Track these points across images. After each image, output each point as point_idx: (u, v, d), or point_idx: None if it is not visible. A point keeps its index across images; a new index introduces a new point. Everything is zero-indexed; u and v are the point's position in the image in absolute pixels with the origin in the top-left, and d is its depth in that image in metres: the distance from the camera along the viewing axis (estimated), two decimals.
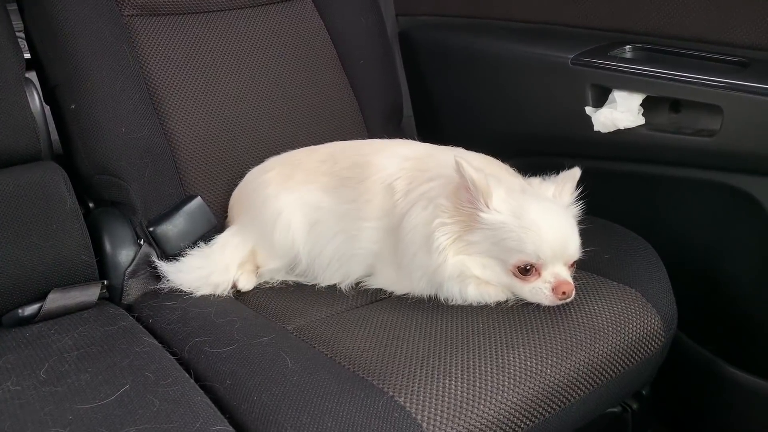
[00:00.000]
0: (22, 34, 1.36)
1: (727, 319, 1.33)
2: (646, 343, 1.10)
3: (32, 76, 1.34)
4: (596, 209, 1.23)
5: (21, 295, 1.15)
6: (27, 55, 1.33)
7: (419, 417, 0.87)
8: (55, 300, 1.16)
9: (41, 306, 1.15)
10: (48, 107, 1.36)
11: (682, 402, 1.40)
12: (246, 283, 1.27)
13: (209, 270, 1.26)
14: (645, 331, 1.10)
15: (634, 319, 1.10)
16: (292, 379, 0.92)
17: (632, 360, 1.08)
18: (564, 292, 1.07)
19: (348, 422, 0.84)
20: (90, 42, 1.31)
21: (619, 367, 1.06)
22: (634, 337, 1.08)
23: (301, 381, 0.91)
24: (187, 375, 0.93)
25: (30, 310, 1.14)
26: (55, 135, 1.36)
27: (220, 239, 1.32)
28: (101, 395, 0.86)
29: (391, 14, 1.88)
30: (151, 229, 1.30)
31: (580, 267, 1.15)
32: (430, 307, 1.13)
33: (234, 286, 1.27)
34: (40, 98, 1.28)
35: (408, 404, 0.89)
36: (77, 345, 1.01)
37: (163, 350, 1.00)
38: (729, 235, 1.30)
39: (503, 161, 1.27)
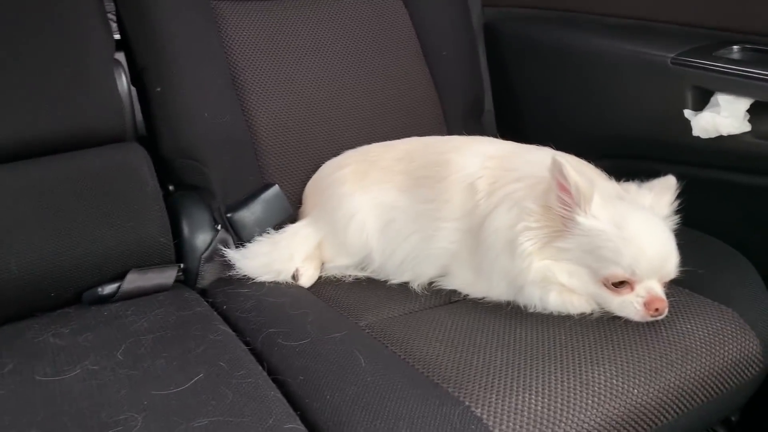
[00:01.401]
0: (113, 15, 1.38)
1: None
2: (742, 367, 1.02)
3: (121, 57, 1.36)
4: (691, 220, 1.15)
5: (101, 274, 1.17)
6: (117, 36, 1.35)
7: (497, 430, 0.83)
8: (134, 280, 1.18)
9: (119, 285, 1.16)
10: (134, 89, 1.38)
11: None
12: (307, 280, 1.26)
13: (273, 257, 1.25)
14: (741, 353, 1.02)
15: (730, 340, 1.02)
16: (366, 379, 0.89)
17: (726, 385, 1.00)
18: (657, 309, 1.01)
19: (423, 430, 0.81)
20: (178, 26, 1.31)
21: (712, 392, 0.99)
22: (730, 360, 1.01)
23: (375, 382, 0.89)
24: (260, 367, 0.92)
25: (109, 289, 1.16)
26: (139, 117, 1.38)
27: (291, 228, 1.30)
28: (176, 382, 0.86)
29: (477, 5, 1.82)
30: (228, 215, 1.30)
31: (671, 281, 1.08)
32: (508, 314, 1.09)
33: (295, 278, 1.25)
34: (127, 80, 1.29)
35: (485, 416, 0.85)
36: (153, 328, 1.02)
37: (236, 339, 1.00)
38: None
39: (590, 162, 1.20)
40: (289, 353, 0.96)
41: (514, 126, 1.79)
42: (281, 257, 1.25)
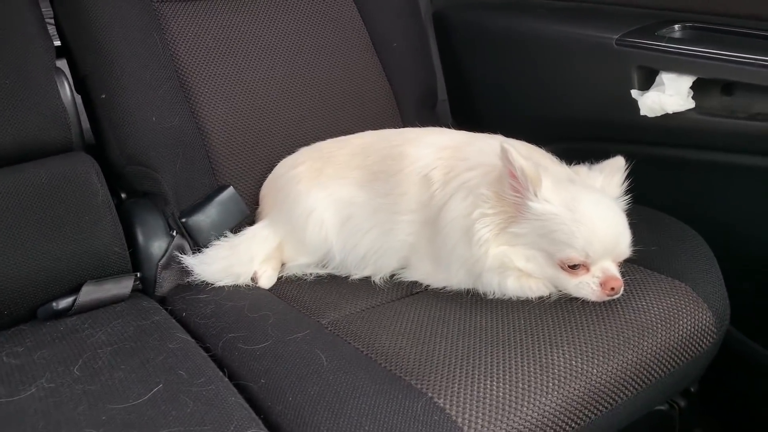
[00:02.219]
0: (52, 20, 1.35)
1: None
2: (697, 339, 1.05)
3: (63, 64, 1.32)
4: (643, 198, 1.18)
5: (55, 288, 1.14)
6: (57, 43, 1.32)
7: (460, 420, 0.84)
8: (89, 293, 1.15)
9: (75, 299, 1.14)
10: (79, 97, 1.35)
11: (731, 398, 1.34)
12: (266, 281, 1.25)
13: (232, 261, 1.23)
14: (696, 327, 1.05)
15: (685, 314, 1.05)
16: (328, 378, 0.89)
17: (682, 358, 1.03)
18: (612, 288, 1.03)
19: (387, 425, 0.81)
20: (120, 30, 1.29)
21: (669, 366, 1.01)
22: (685, 334, 1.03)
23: (337, 380, 0.88)
24: (220, 373, 0.91)
25: (64, 303, 1.13)
26: (86, 125, 1.35)
27: (249, 231, 1.29)
28: (134, 395, 0.85)
29: None
30: (183, 220, 1.28)
31: (626, 259, 1.09)
32: (468, 302, 1.09)
33: (254, 280, 1.24)
34: (71, 87, 1.26)
35: (448, 406, 0.85)
36: (111, 340, 1.00)
37: (196, 347, 0.98)
38: None
39: (542, 147, 1.21)
40: (250, 357, 0.95)
41: (468, 114, 1.80)
42: (240, 260, 1.24)
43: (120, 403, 0.83)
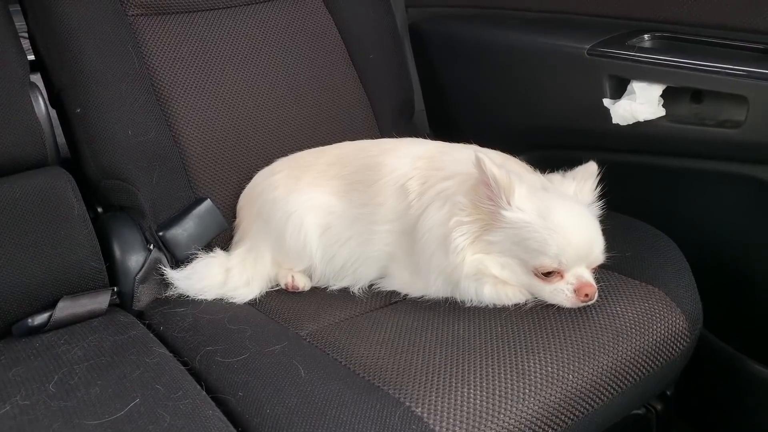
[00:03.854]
0: (26, 34, 1.34)
1: (754, 316, 1.29)
2: (671, 343, 1.06)
3: (37, 78, 1.32)
4: (616, 205, 1.19)
5: (30, 304, 1.13)
6: (31, 57, 1.31)
7: (437, 428, 0.84)
8: (65, 308, 1.14)
9: (51, 314, 1.13)
10: (54, 111, 1.34)
11: (707, 401, 1.36)
12: (304, 282, 1.25)
13: (229, 284, 1.23)
14: (669, 331, 1.06)
15: (658, 319, 1.06)
16: (306, 389, 0.89)
17: (657, 362, 1.04)
18: (587, 295, 1.04)
19: None
20: (94, 44, 1.29)
21: (644, 370, 1.02)
22: (659, 338, 1.05)
23: (315, 392, 0.89)
24: (198, 387, 0.91)
25: (40, 319, 1.12)
26: (62, 139, 1.34)
27: (236, 254, 1.28)
28: (111, 410, 0.84)
29: (400, 6, 1.84)
30: (161, 233, 1.28)
31: (600, 265, 1.11)
32: (446, 310, 1.10)
33: (293, 288, 1.24)
34: (45, 102, 1.25)
35: (426, 415, 0.86)
36: (87, 356, 0.99)
37: (174, 360, 0.98)
38: (755, 229, 1.25)
39: (517, 155, 1.23)
40: (228, 370, 0.95)
41: (445, 124, 1.81)
42: (236, 285, 1.23)
43: (96, 419, 0.82)
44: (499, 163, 1.07)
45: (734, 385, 1.29)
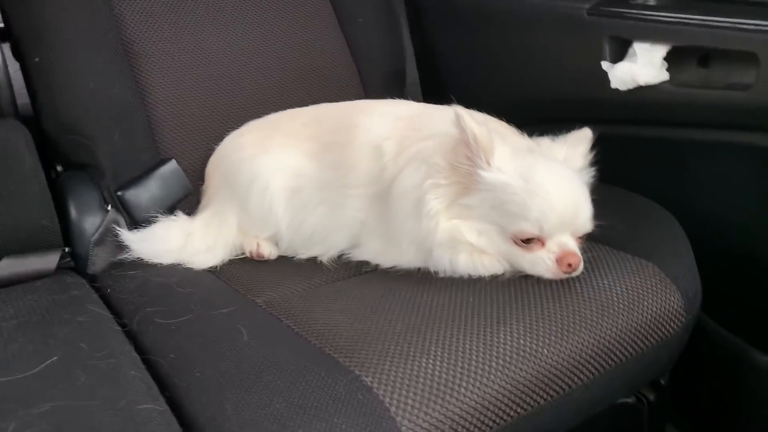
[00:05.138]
0: None
1: (759, 301, 1.18)
2: (664, 322, 0.95)
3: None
4: (615, 178, 1.10)
5: None
6: None
7: (387, 400, 0.75)
8: (8, 266, 1.07)
9: None
10: (18, 64, 1.27)
11: (705, 392, 1.24)
12: (270, 250, 1.16)
13: (188, 249, 1.14)
14: (662, 309, 0.96)
15: (650, 294, 0.95)
16: (245, 353, 0.80)
17: (647, 342, 0.93)
18: (570, 265, 0.94)
19: (300, 403, 0.72)
20: None
21: (631, 350, 0.92)
22: (650, 316, 0.94)
23: (254, 356, 0.79)
24: (129, 347, 0.82)
25: None
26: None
27: (200, 218, 1.20)
28: (24, 368, 0.76)
29: None
30: (119, 193, 1.20)
31: (590, 238, 1.01)
32: (417, 280, 1.01)
33: (258, 256, 1.16)
34: (2, 52, 1.18)
35: (375, 385, 0.76)
36: (18, 314, 0.91)
37: (109, 321, 0.90)
38: (765, 206, 1.14)
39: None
40: (164, 331, 0.86)
41: (440, 97, 1.70)
42: (197, 249, 1.15)
43: (4, 377, 0.74)
44: (480, 122, 0.97)
45: (735, 375, 1.17)
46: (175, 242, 1.15)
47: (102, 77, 1.21)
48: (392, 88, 1.57)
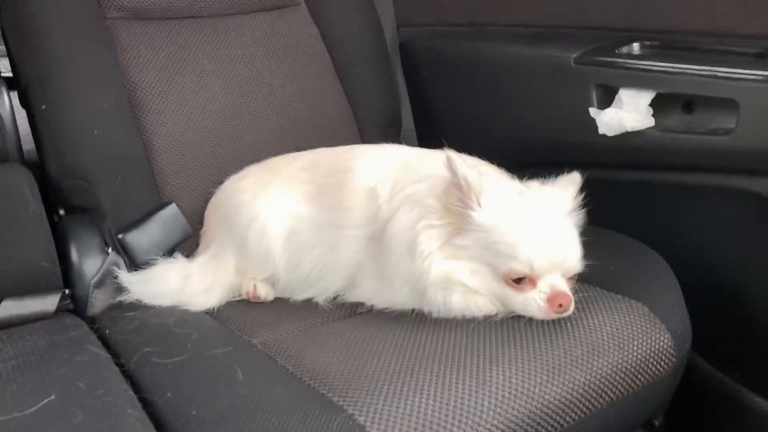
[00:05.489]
0: None
1: (752, 343, 1.19)
2: (654, 362, 0.97)
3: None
4: (604, 221, 1.11)
5: None
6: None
7: None
8: (9, 308, 1.09)
9: None
10: (23, 111, 1.31)
11: None
12: (266, 291, 1.18)
13: (189, 292, 1.16)
14: (652, 348, 0.97)
15: (640, 334, 0.97)
16: (240, 392, 0.81)
17: (638, 381, 0.94)
18: (561, 305, 0.95)
19: None
20: (65, 42, 1.26)
21: (622, 389, 0.93)
22: (640, 355, 0.95)
23: (249, 395, 0.80)
24: (125, 386, 0.83)
25: None
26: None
27: (199, 260, 1.22)
28: (22, 406, 0.76)
29: (392, 26, 1.81)
30: (120, 236, 1.22)
31: (580, 279, 1.03)
32: (411, 321, 1.02)
33: (255, 297, 1.18)
34: (9, 99, 1.22)
35: (369, 423, 0.77)
36: (17, 354, 0.92)
37: (107, 361, 0.91)
38: (750, 246, 1.17)
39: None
40: (161, 371, 0.88)
41: (435, 143, 1.74)
42: (195, 291, 1.17)
43: (2, 416, 0.75)
44: (471, 164, 1.00)
45: (730, 417, 1.18)
46: (173, 284, 1.17)
47: (106, 123, 1.25)
48: (388, 134, 1.61)
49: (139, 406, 0.80)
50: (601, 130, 1.26)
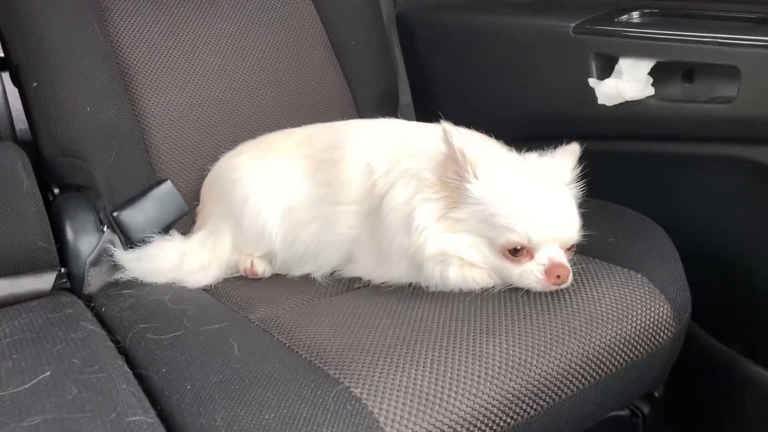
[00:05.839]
0: None
1: (752, 313, 1.18)
2: (654, 333, 0.96)
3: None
4: (603, 192, 1.10)
5: None
6: None
7: (376, 411, 0.75)
8: (4, 287, 1.08)
9: None
10: (16, 90, 1.30)
11: (699, 405, 1.24)
12: (264, 267, 1.17)
13: (183, 268, 1.15)
14: (652, 319, 0.96)
15: (639, 305, 0.96)
16: (235, 366, 0.81)
17: (637, 352, 0.94)
18: (558, 276, 0.94)
19: (290, 414, 0.73)
20: (55, 19, 1.24)
21: (621, 360, 0.92)
22: (639, 326, 0.95)
23: (245, 369, 0.80)
24: (120, 362, 0.83)
25: None
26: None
27: (195, 237, 1.21)
28: (16, 382, 0.76)
29: None
30: (115, 213, 1.21)
31: (579, 251, 1.02)
32: (408, 295, 1.02)
33: (252, 274, 1.17)
34: (1, 78, 1.21)
35: (365, 396, 0.77)
36: (13, 332, 0.92)
37: (102, 337, 0.90)
38: (751, 216, 1.15)
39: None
40: (156, 346, 0.87)
41: (432, 117, 1.73)
42: (191, 269, 1.16)
43: None
44: (468, 137, 0.99)
45: (730, 388, 1.17)
46: (169, 262, 1.16)
47: (98, 100, 1.23)
48: (385, 108, 1.59)
49: (134, 382, 0.80)
50: (601, 101, 1.24)
